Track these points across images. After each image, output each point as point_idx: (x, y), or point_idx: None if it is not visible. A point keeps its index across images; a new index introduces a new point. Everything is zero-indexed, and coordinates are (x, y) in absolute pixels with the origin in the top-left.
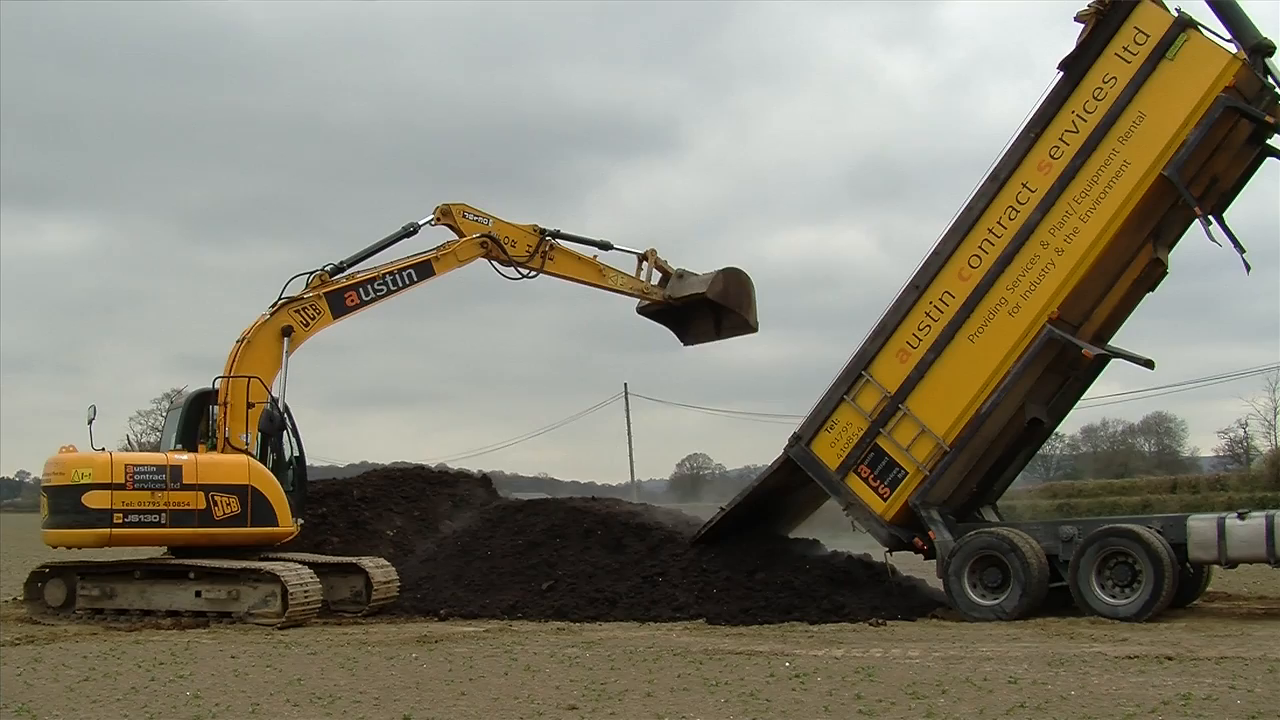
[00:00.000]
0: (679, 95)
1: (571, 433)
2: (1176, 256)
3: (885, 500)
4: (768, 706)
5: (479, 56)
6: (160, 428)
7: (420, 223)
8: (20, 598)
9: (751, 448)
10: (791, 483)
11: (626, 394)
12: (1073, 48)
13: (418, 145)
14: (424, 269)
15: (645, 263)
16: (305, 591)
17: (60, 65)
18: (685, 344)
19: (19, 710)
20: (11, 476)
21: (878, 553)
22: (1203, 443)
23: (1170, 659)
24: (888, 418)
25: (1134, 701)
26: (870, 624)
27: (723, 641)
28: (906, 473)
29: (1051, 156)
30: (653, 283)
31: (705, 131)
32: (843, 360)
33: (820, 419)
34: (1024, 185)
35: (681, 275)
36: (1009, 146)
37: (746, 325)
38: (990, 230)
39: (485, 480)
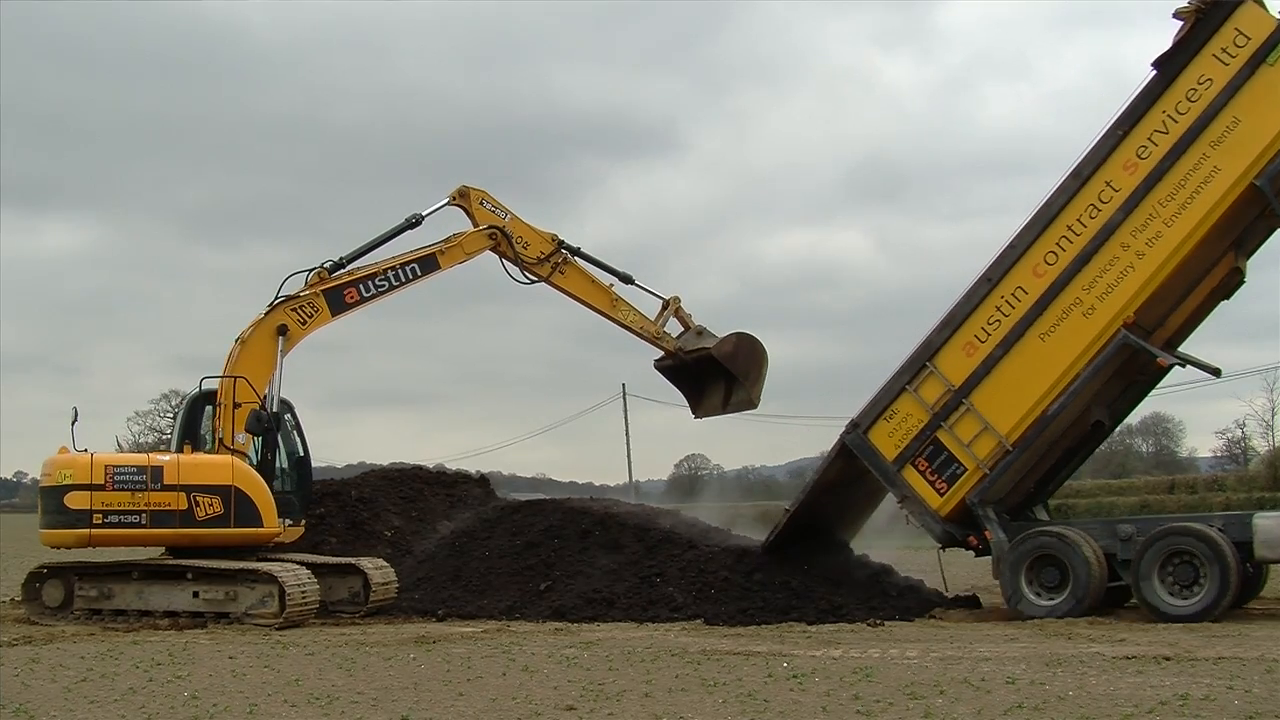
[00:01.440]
0: (677, 96)
1: (570, 433)
2: None
3: (942, 496)
4: (765, 707)
5: (478, 57)
6: (158, 427)
7: (426, 212)
8: (17, 598)
9: (749, 448)
10: (847, 476)
11: (625, 395)
12: (1169, 45)
13: (416, 146)
14: (428, 263)
15: (667, 310)
16: (303, 592)
17: (59, 66)
18: (695, 416)
19: (16, 711)
20: (9, 477)
21: (878, 555)
22: (1200, 443)
23: (1168, 659)
24: (950, 411)
25: (1132, 702)
26: (868, 624)
27: (720, 642)
28: (965, 469)
29: (1139, 156)
30: (669, 332)
31: (703, 133)
32: (842, 360)
33: (880, 407)
34: (1108, 184)
35: (701, 332)
36: (1095, 142)
37: (748, 400)
38: (1069, 227)
39: (483, 480)
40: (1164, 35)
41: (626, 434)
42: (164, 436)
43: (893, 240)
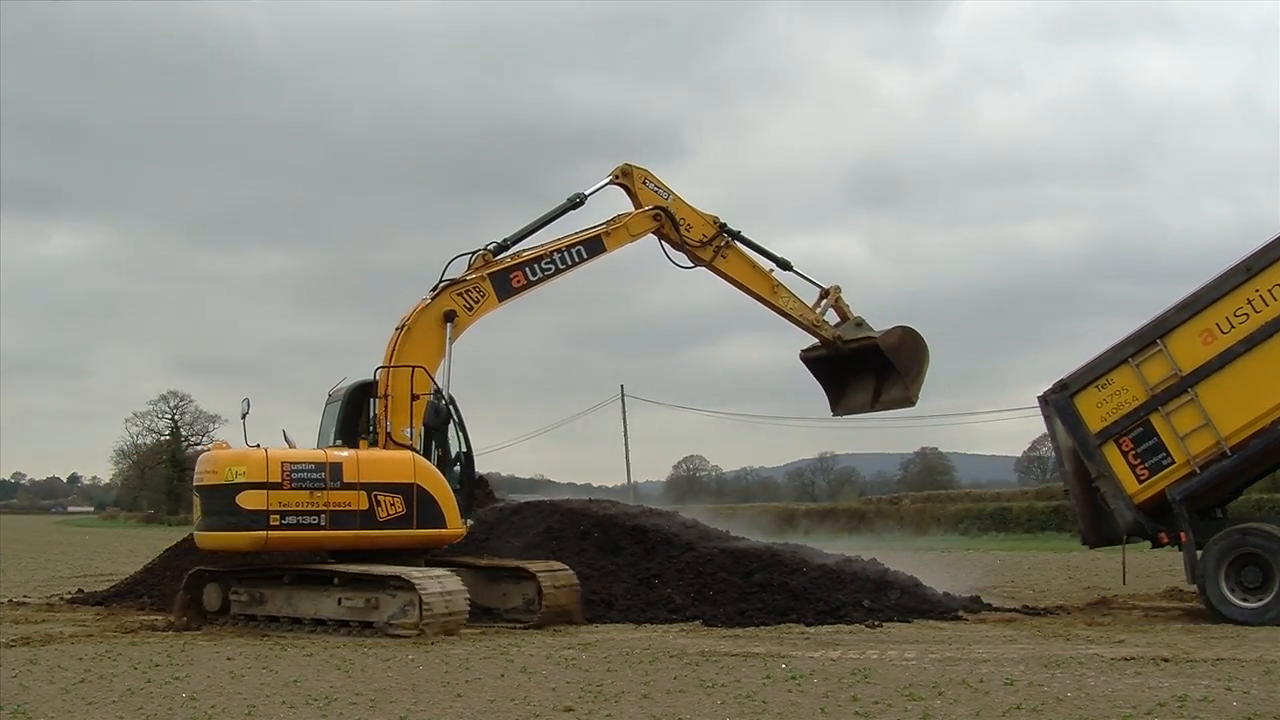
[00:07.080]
0: (680, 105)
1: (568, 434)
2: (1169, 260)
3: (1141, 482)
4: (764, 708)
5: (482, 65)
6: (156, 429)
7: (589, 191)
8: (16, 599)
9: (748, 449)
10: None
11: (623, 396)
12: None
13: (420, 152)
14: (594, 245)
15: (825, 299)
16: (446, 600)
17: (66, 73)
18: (835, 413)
19: (15, 712)
20: (9, 478)
21: (882, 558)
22: None
23: (1166, 660)
24: (1171, 397)
25: (1130, 703)
26: (867, 626)
27: (719, 643)
28: (1174, 461)
29: None
30: (827, 321)
31: (705, 140)
32: None
33: (1094, 374)
34: None
35: (860, 323)
36: None
37: (906, 397)
38: None
39: (482, 481)
40: (1159, 42)
41: (625, 435)
42: (162, 438)
43: (888, 244)
